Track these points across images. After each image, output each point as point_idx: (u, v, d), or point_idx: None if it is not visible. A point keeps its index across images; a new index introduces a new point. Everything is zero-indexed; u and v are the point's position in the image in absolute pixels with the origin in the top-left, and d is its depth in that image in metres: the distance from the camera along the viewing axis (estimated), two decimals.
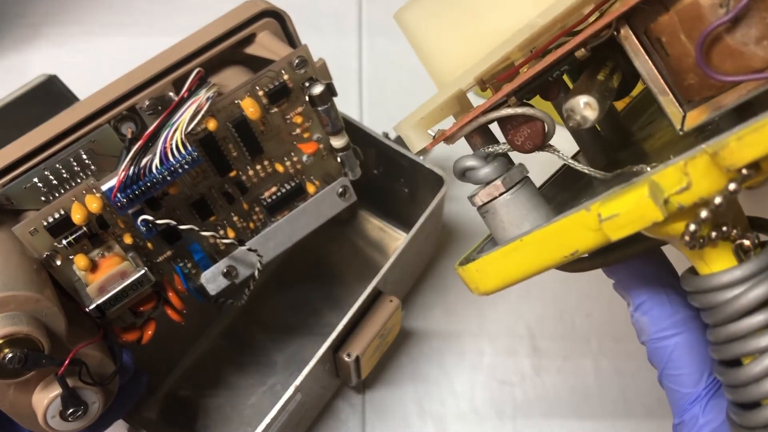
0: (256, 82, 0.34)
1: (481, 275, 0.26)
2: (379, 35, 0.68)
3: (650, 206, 0.20)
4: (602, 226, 0.22)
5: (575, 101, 0.22)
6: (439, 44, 0.26)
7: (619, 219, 0.21)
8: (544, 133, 0.24)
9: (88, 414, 0.31)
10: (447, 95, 0.25)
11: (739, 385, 0.22)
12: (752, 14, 0.20)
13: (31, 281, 0.30)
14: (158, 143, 0.32)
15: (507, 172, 0.26)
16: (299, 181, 0.39)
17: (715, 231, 0.22)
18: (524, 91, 0.24)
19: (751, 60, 0.20)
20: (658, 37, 0.22)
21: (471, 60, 0.25)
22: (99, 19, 0.70)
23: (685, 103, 0.23)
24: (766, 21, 0.20)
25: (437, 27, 0.26)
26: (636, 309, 0.29)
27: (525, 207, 0.26)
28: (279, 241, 0.39)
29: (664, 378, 0.28)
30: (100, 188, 0.32)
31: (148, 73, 0.35)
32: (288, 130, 0.37)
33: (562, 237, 0.23)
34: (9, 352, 0.27)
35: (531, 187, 0.26)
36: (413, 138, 0.26)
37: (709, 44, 0.21)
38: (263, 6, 0.37)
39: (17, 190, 0.34)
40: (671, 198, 0.21)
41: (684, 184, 0.20)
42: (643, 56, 0.22)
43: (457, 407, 0.47)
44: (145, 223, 0.33)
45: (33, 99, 0.50)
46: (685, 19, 0.21)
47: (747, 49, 0.20)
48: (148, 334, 0.36)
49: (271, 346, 0.49)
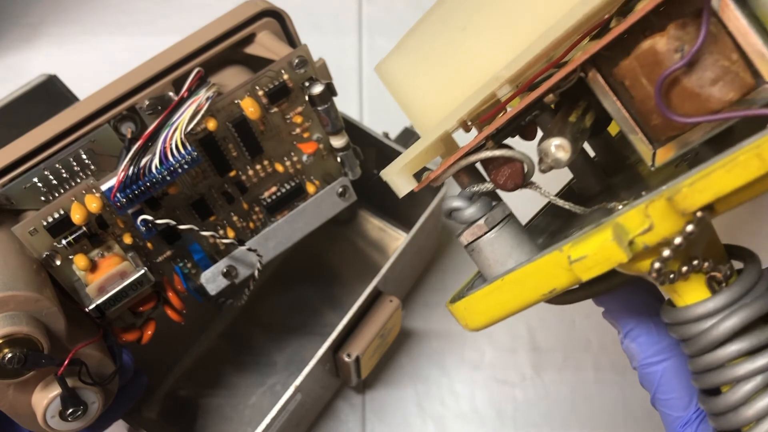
0: (255, 82, 0.34)
1: (469, 312, 0.27)
2: (379, 35, 0.68)
3: (615, 249, 0.21)
4: (572, 267, 0.22)
5: (547, 144, 0.23)
6: (419, 93, 0.27)
7: (587, 261, 0.22)
8: (523, 173, 0.25)
9: (88, 414, 0.31)
10: (429, 141, 0.26)
11: (719, 413, 0.23)
12: (706, 58, 0.21)
13: (30, 281, 0.30)
14: (158, 143, 0.32)
15: (490, 212, 0.26)
16: (299, 181, 0.39)
17: (686, 265, 0.23)
18: (501, 134, 0.25)
19: (708, 102, 0.21)
20: (621, 81, 0.23)
21: (451, 105, 0.26)
22: (98, 19, 0.71)
23: (655, 140, 0.23)
24: (719, 64, 0.20)
25: (417, 77, 0.27)
26: (625, 336, 0.29)
27: (508, 245, 0.26)
28: (279, 241, 0.39)
29: (656, 402, 0.29)
30: (99, 188, 0.32)
31: (147, 73, 0.35)
32: (288, 129, 0.37)
33: (540, 276, 0.24)
34: (9, 352, 0.27)
35: (514, 225, 0.27)
36: (398, 183, 0.27)
37: (667, 87, 0.21)
38: (263, 6, 0.37)
39: (17, 190, 0.34)
40: (636, 239, 0.22)
41: (647, 225, 0.21)
42: (612, 97, 0.23)
43: (458, 407, 0.47)
44: (144, 223, 0.33)
45: (33, 99, 0.51)
46: (644, 63, 0.22)
47: (703, 91, 0.21)
48: (148, 334, 0.36)
49: (271, 347, 0.49)
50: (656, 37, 0.21)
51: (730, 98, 0.21)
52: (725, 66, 0.20)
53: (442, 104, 0.26)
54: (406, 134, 0.53)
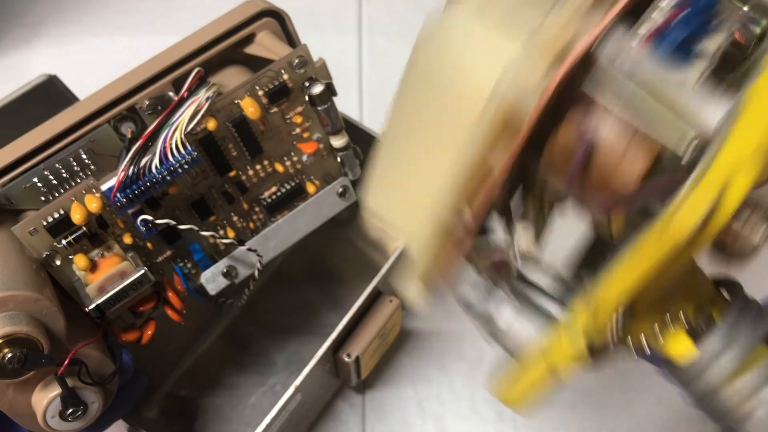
0: (255, 82, 0.34)
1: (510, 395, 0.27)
2: (379, 35, 0.68)
3: (571, 348, 0.23)
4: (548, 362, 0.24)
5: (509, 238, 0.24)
6: (404, 214, 0.27)
7: (555, 359, 0.23)
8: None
9: (88, 414, 0.31)
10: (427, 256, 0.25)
11: None
12: (606, 138, 0.21)
13: (30, 281, 0.30)
14: (158, 143, 0.32)
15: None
16: (299, 181, 0.39)
17: (657, 322, 0.23)
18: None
19: (624, 176, 0.21)
20: (549, 171, 0.23)
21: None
22: (98, 19, 0.71)
23: (604, 212, 0.24)
24: (620, 141, 0.21)
25: (397, 202, 0.27)
26: None
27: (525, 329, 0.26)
28: (279, 241, 0.39)
29: None
30: (99, 188, 0.32)
31: (147, 73, 0.35)
32: (288, 129, 0.37)
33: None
34: (8, 352, 0.27)
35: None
36: (420, 297, 0.26)
37: (578, 181, 0.22)
38: (263, 6, 0.37)
39: (17, 190, 0.34)
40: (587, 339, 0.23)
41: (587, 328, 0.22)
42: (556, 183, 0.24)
43: (457, 407, 0.47)
44: (144, 223, 0.33)
45: (33, 99, 0.51)
46: (555, 158, 0.22)
47: (617, 169, 0.21)
48: (148, 334, 0.36)
49: (270, 346, 0.49)
50: (561, 127, 0.21)
51: (641, 168, 0.21)
52: (626, 142, 0.21)
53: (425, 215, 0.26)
54: None
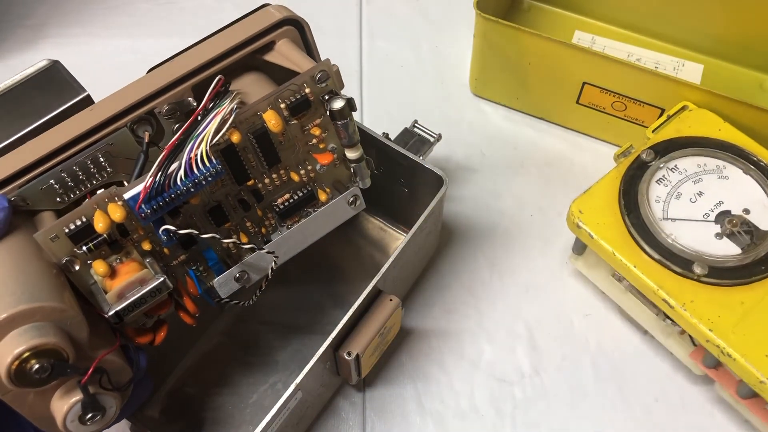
0: (278, 95, 0.34)
1: None
2: (379, 37, 0.69)
3: None
4: None
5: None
6: None
7: None
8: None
9: (105, 417, 0.32)
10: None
11: None
12: None
13: (54, 290, 0.30)
14: (183, 154, 0.32)
15: None
16: (311, 189, 0.39)
17: None
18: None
19: None
20: None
21: None
22: (101, 21, 0.70)
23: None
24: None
25: None
26: None
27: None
28: (290, 246, 0.39)
29: None
30: (122, 197, 0.32)
31: (168, 78, 0.35)
32: (305, 140, 0.37)
33: None
34: (35, 363, 0.28)
35: None
36: None
37: None
38: (285, 14, 0.37)
39: (34, 191, 0.34)
40: None
41: None
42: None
43: (457, 405, 0.48)
44: (167, 233, 0.33)
45: (35, 85, 0.50)
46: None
47: None
48: (161, 336, 0.36)
49: (272, 345, 0.50)
50: None
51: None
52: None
53: None
54: (406, 134, 0.54)
